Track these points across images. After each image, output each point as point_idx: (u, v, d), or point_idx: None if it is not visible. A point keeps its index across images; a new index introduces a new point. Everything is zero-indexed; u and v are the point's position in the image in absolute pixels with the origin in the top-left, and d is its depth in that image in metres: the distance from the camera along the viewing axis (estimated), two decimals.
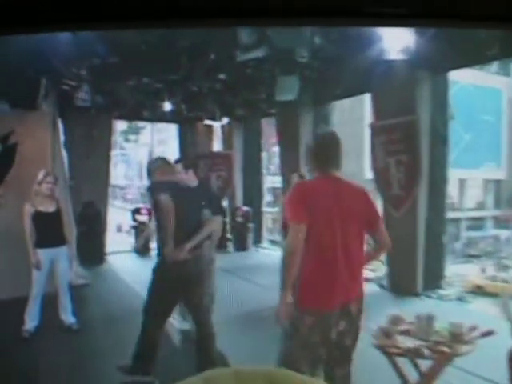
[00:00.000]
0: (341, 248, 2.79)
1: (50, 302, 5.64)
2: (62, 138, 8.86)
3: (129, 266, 9.52)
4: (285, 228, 4.44)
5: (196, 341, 4.29)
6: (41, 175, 5.69)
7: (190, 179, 5.17)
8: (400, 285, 6.90)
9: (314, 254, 2.80)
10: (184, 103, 9.36)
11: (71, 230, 5.81)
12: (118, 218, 14.71)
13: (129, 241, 11.76)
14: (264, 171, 11.89)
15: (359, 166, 10.94)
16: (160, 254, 4.34)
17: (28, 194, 6.11)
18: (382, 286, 7.32)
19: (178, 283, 4.07)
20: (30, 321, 5.46)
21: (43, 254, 5.47)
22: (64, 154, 9.19)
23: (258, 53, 5.66)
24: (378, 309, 4.46)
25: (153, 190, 4.39)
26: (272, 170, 12.19)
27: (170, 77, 7.72)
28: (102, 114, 9.44)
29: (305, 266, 2.80)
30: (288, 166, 9.08)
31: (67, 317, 5.66)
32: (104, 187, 10.29)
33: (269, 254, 10.22)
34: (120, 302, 6.73)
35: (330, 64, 6.47)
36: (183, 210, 4.19)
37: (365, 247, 3.00)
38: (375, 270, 7.76)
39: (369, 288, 7.33)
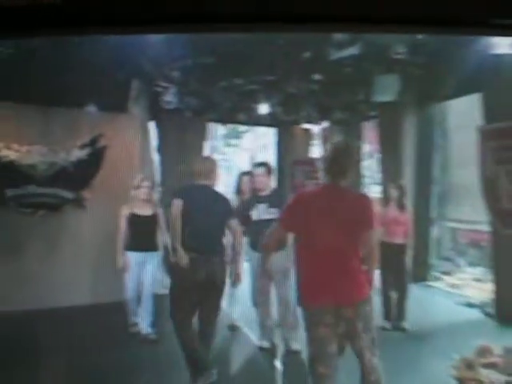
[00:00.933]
0: (332, 253, 3.29)
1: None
2: (153, 142, 9.52)
3: None
4: None
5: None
6: (137, 180, 6.25)
7: (263, 187, 5.54)
8: (508, 313, 6.62)
9: (306, 257, 3.38)
10: (280, 105, 9.61)
11: (163, 237, 6.31)
12: None
13: None
14: (366, 180, 11.83)
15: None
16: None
17: (115, 198, 6.73)
18: (487, 314, 7.08)
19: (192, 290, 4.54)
20: (136, 318, 6.13)
21: (132, 258, 6.00)
22: (156, 158, 9.89)
23: (353, 50, 5.77)
24: (471, 338, 4.38)
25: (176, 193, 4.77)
26: (376, 178, 12.08)
27: (265, 78, 8.01)
28: (195, 117, 10.00)
29: (300, 267, 3.44)
30: (387, 174, 9.05)
31: (145, 325, 6.10)
32: None
33: None
34: None
35: (435, 60, 6.37)
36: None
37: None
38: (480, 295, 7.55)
39: (470, 314, 7.17)
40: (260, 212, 5.55)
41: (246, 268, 6.12)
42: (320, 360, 3.32)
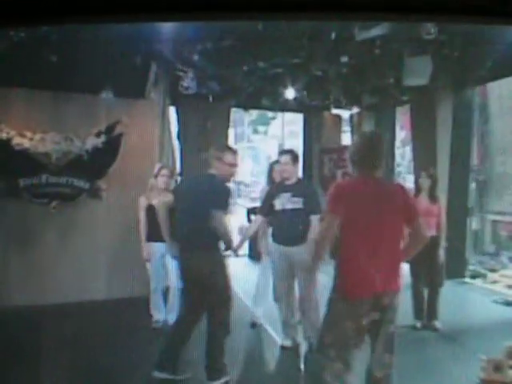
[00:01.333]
0: (376, 243, 3.49)
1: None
2: (172, 129, 9.55)
3: (239, 273, 9.95)
4: None
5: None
6: (156, 168, 6.33)
7: (289, 175, 5.55)
8: None
9: (350, 247, 3.53)
10: (307, 90, 9.55)
11: None
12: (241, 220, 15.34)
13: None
14: (399, 169, 11.74)
15: None
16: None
17: (133, 188, 6.79)
18: None
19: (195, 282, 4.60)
20: (158, 313, 6.24)
21: (155, 249, 6.12)
22: (176, 146, 9.93)
23: (381, 30, 5.67)
24: (505, 338, 4.30)
25: None
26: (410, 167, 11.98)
27: (290, 60, 7.95)
28: (217, 102, 10.00)
29: (343, 257, 3.59)
30: (420, 162, 8.93)
31: (170, 319, 6.13)
32: None
33: None
34: None
35: (471, 39, 6.22)
36: None
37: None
38: None
39: (508, 313, 7.04)
40: (284, 201, 5.54)
41: (267, 262, 6.13)
42: (340, 352, 3.49)
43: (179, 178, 6.48)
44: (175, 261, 5.14)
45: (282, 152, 5.93)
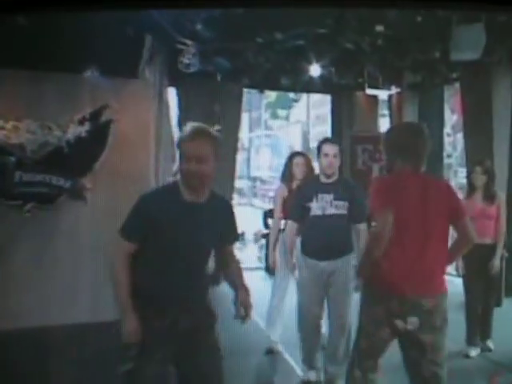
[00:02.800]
0: (422, 240, 3.84)
1: None
2: (172, 114, 9.56)
3: (254, 290, 9.92)
4: None
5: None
6: (175, 166, 6.34)
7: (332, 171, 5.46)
8: None
9: (393, 245, 3.82)
10: (336, 66, 9.53)
11: None
12: (255, 223, 15.37)
13: (257, 254, 12.25)
14: (449, 161, 11.69)
15: None
16: None
17: (124, 186, 6.79)
18: None
19: None
20: None
21: None
22: (177, 135, 9.93)
23: None
24: None
25: None
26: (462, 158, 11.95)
27: (314, 30, 7.93)
28: (226, 82, 10.00)
29: (385, 255, 3.86)
30: (474, 153, 8.87)
31: None
32: (228, 182, 10.86)
33: None
34: (239, 338, 7.14)
35: None
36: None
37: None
38: None
39: None
40: (324, 205, 5.40)
41: (282, 277, 6.12)
42: (368, 339, 4.02)
43: None
44: None
45: (326, 141, 5.71)
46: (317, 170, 5.98)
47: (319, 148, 5.56)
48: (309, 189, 5.59)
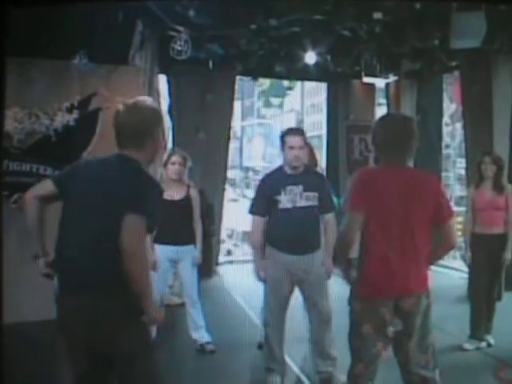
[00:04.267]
0: (400, 239, 3.75)
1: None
2: (163, 102, 9.55)
3: (245, 283, 9.94)
4: None
5: None
6: (166, 155, 6.35)
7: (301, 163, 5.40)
8: None
9: (371, 242, 3.82)
10: (332, 53, 9.54)
11: (198, 226, 6.41)
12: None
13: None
14: (447, 151, 11.74)
15: None
16: None
17: None
18: None
19: None
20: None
21: (161, 253, 6.12)
22: (168, 124, 9.93)
23: None
24: None
25: None
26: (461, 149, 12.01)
27: (310, 17, 7.94)
28: (219, 69, 10.00)
29: (364, 253, 3.87)
30: (475, 143, 8.94)
31: (199, 334, 6.42)
32: (219, 172, 10.89)
33: None
34: (231, 332, 7.17)
35: None
36: None
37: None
38: None
39: None
40: (293, 197, 5.27)
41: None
42: (361, 361, 3.87)
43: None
44: None
45: (290, 132, 5.47)
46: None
47: (283, 139, 5.35)
48: (274, 181, 5.40)
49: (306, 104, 23.85)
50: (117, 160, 3.44)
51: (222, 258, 12.44)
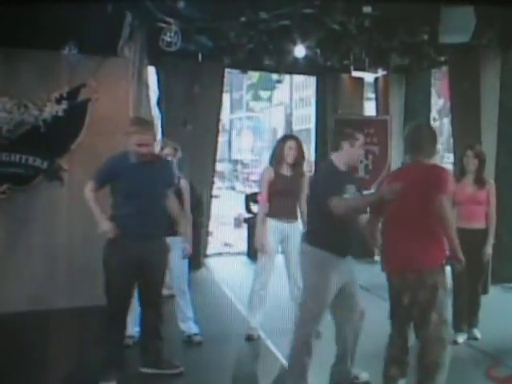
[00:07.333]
0: (403, 216, 4.42)
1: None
2: (152, 94, 9.56)
3: (235, 276, 10.00)
4: None
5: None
6: (157, 146, 6.34)
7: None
8: None
9: (385, 222, 4.66)
10: (321, 47, 9.56)
11: (186, 218, 6.43)
12: (237, 207, 15.38)
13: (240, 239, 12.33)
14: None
15: None
16: None
17: None
18: None
19: None
20: (134, 326, 6.12)
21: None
22: (156, 115, 9.96)
23: None
24: None
25: None
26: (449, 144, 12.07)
27: (299, 10, 7.95)
28: (208, 61, 10.01)
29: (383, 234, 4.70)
30: (462, 138, 8.99)
31: (187, 325, 6.52)
32: (208, 165, 10.91)
33: None
34: (219, 324, 7.21)
35: None
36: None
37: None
38: None
39: None
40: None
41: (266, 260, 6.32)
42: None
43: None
44: None
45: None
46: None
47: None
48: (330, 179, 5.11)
49: (294, 97, 23.90)
50: None
51: (220, 249, 12.93)
